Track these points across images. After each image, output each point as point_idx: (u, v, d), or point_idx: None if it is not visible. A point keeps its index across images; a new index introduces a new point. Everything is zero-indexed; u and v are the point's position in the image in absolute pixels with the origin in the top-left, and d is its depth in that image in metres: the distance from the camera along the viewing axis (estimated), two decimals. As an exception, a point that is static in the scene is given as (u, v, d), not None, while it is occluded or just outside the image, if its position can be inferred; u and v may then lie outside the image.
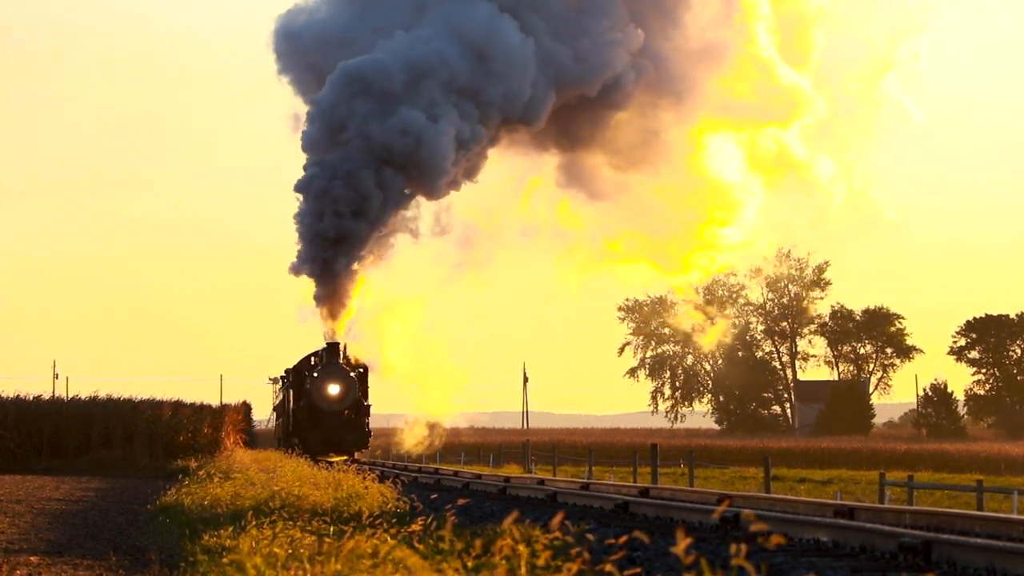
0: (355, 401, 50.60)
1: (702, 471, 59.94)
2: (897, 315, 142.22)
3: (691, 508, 19.88)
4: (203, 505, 21.82)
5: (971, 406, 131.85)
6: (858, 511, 19.25)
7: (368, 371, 52.84)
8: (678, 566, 13.24)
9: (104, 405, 54.65)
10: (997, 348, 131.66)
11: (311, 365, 52.31)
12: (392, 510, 20.05)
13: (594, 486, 29.95)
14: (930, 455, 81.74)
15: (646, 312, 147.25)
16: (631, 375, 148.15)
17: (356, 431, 50.76)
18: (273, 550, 12.31)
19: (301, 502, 20.50)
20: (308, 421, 50.41)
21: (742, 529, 17.24)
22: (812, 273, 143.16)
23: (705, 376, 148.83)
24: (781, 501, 23.25)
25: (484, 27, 51.31)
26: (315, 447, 49.62)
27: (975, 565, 12.87)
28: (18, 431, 52.15)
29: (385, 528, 13.38)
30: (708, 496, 25.47)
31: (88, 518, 23.51)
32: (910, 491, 36.50)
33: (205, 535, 15.99)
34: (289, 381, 54.63)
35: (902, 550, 13.70)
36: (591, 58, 52.32)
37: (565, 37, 52.52)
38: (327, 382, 50.12)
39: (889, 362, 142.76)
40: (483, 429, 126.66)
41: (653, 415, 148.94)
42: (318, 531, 14.64)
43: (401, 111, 49.96)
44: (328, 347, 51.25)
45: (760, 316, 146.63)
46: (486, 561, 11.08)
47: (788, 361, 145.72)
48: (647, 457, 48.22)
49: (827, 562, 13.67)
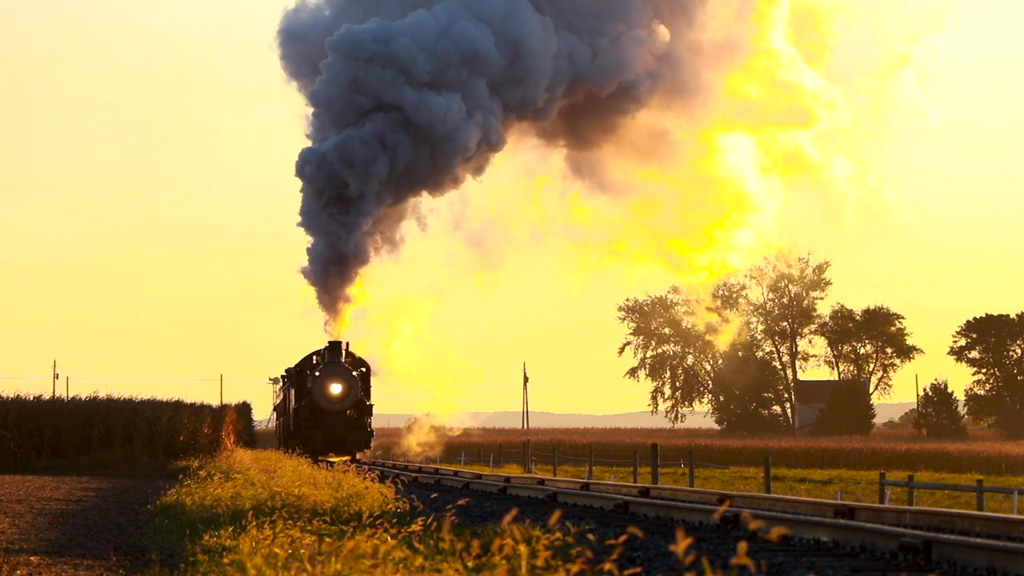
0: (357, 400, 50.30)
1: (702, 471, 59.93)
2: (897, 315, 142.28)
3: (691, 508, 19.86)
4: (203, 505, 21.81)
5: (971, 406, 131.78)
6: (858, 511, 19.24)
7: (370, 370, 52.46)
8: (678, 566, 13.23)
9: (104, 405, 54.65)
10: (997, 348, 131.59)
11: (313, 364, 51.90)
12: (392, 510, 20.04)
13: (594, 486, 29.93)
14: (930, 455, 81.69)
15: (647, 312, 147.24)
16: (631, 375, 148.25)
17: (358, 431, 50.35)
18: (273, 550, 12.31)
19: (301, 502, 20.49)
20: (310, 421, 50.07)
21: (742, 529, 17.23)
22: (812, 273, 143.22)
23: (705, 376, 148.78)
24: (781, 501, 23.23)
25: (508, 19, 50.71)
26: (317, 447, 49.33)
27: (975, 565, 12.86)
28: (18, 431, 52.14)
29: (385, 528, 13.38)
30: (708, 496, 25.46)
31: (88, 518, 23.50)
32: (910, 491, 36.48)
33: (205, 535, 15.99)
34: (290, 380, 54.25)
35: (902, 550, 13.69)
36: (610, 58, 52.02)
37: (584, 32, 52.14)
38: (329, 381, 49.79)
39: (889, 362, 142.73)
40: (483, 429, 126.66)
41: (653, 415, 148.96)
42: (318, 531, 14.64)
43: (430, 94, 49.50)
44: (330, 346, 50.92)
45: (760, 316, 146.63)
46: (486, 561, 11.08)
47: (788, 361, 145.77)
48: (647, 457, 48.23)
49: (827, 562, 13.66)
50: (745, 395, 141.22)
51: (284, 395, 58.89)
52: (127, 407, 54.71)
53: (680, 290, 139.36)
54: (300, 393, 51.83)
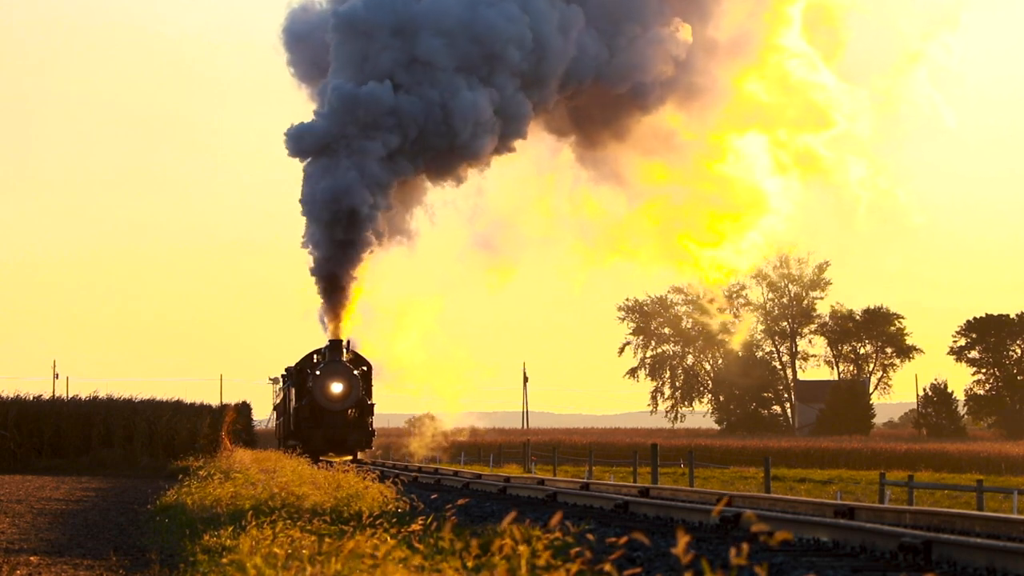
0: (358, 400, 49.91)
1: (702, 471, 59.91)
2: (897, 315, 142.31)
3: (691, 508, 19.86)
4: (203, 505, 21.81)
5: (971, 406, 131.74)
6: (858, 511, 19.24)
7: (371, 369, 52.06)
8: (678, 566, 13.23)
9: (104, 405, 54.64)
10: (997, 348, 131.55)
11: (313, 363, 51.49)
12: (392, 510, 20.04)
13: (594, 486, 29.93)
14: (930, 455, 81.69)
15: (647, 312, 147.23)
16: (631, 375, 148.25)
17: (359, 430, 49.91)
18: (273, 550, 12.31)
19: (301, 502, 20.49)
20: (310, 420, 49.69)
21: (742, 529, 17.23)
22: (813, 272, 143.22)
23: (705, 376, 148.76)
24: (781, 501, 23.23)
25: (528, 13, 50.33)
26: (317, 447, 48.95)
27: (975, 565, 12.86)
28: (18, 431, 52.14)
29: (385, 528, 13.38)
30: (708, 496, 25.45)
31: (88, 518, 23.49)
32: (910, 491, 36.48)
33: (205, 535, 15.99)
34: (291, 380, 53.81)
35: (902, 550, 13.69)
36: (627, 58, 51.69)
37: (604, 31, 51.77)
38: (330, 380, 49.42)
39: (889, 362, 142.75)
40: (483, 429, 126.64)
41: (653, 415, 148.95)
42: (318, 531, 14.64)
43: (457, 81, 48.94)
44: (331, 344, 50.48)
45: (760, 316, 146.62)
46: (486, 561, 11.08)
47: (788, 361, 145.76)
48: (647, 457, 48.22)
49: (827, 562, 13.66)
50: (745, 395, 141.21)
51: (284, 394, 58.50)
52: (127, 407, 54.70)
53: (690, 288, 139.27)
54: (300, 392, 51.43)
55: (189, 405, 56.59)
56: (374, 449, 58.61)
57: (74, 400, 56.34)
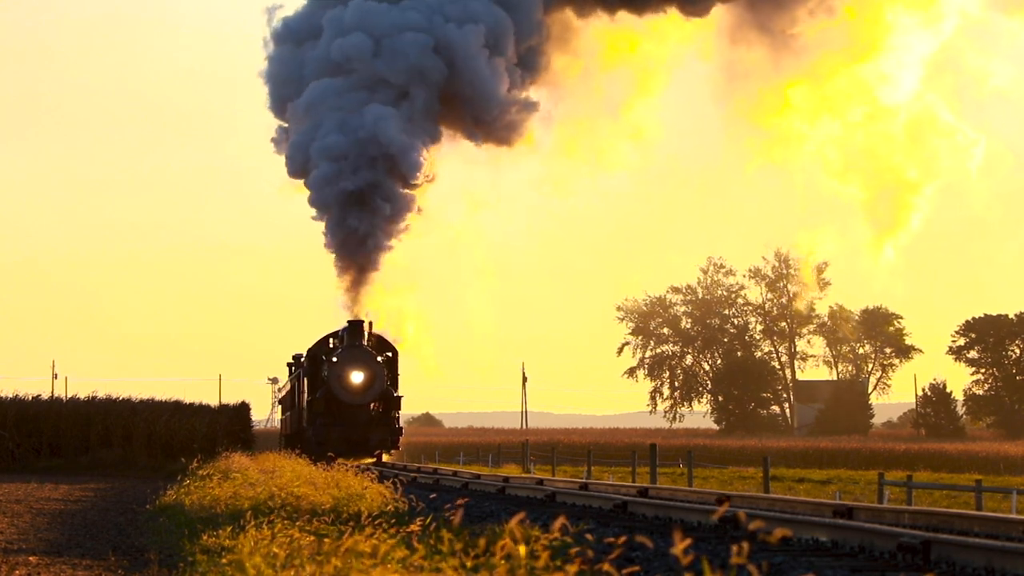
0: (383, 391, 43.14)
1: (701, 471, 59.89)
2: (896, 315, 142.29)
3: (690, 508, 19.86)
4: (202, 505, 21.82)
5: (970, 406, 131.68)
6: (857, 511, 19.24)
7: (398, 355, 44.81)
8: (677, 566, 13.23)
9: (103, 405, 54.70)
10: (996, 348, 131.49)
11: (329, 348, 44.37)
12: (391, 510, 20.05)
13: (593, 486, 29.91)
14: (929, 455, 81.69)
15: (645, 312, 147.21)
16: (630, 375, 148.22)
17: (384, 428, 43.11)
18: (272, 550, 12.31)
19: (300, 502, 20.50)
20: (326, 416, 42.75)
21: (742, 529, 17.23)
22: (812, 272, 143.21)
23: (704, 376, 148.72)
24: (780, 501, 23.23)
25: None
26: (334, 447, 41.78)
27: (974, 565, 12.86)
28: (18, 431, 52.19)
29: (384, 528, 13.38)
30: (707, 496, 25.45)
31: (87, 518, 23.48)
32: (909, 491, 36.46)
33: (204, 535, 15.99)
34: (303, 368, 46.48)
35: (901, 550, 13.69)
36: None
37: None
38: (349, 369, 42.65)
39: (888, 362, 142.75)
40: (482, 429, 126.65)
41: (652, 415, 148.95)
42: (317, 531, 14.64)
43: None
44: (349, 326, 43.44)
45: (759, 316, 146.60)
46: (485, 561, 11.09)
47: (787, 361, 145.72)
48: (646, 457, 48.18)
49: (826, 562, 13.66)
50: (744, 395, 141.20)
51: (293, 386, 51.04)
52: (126, 407, 54.75)
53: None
54: (314, 383, 44.38)
55: (188, 405, 56.63)
56: (400, 450, 49.65)
57: (73, 400, 56.40)
